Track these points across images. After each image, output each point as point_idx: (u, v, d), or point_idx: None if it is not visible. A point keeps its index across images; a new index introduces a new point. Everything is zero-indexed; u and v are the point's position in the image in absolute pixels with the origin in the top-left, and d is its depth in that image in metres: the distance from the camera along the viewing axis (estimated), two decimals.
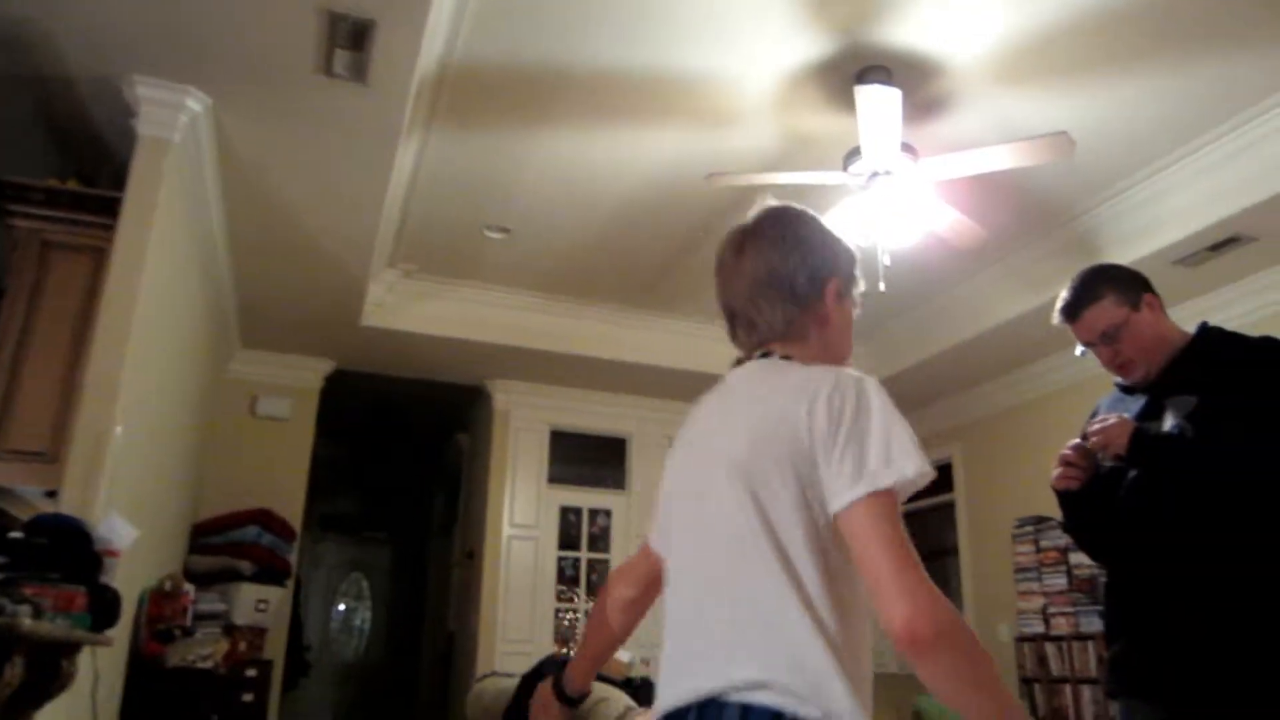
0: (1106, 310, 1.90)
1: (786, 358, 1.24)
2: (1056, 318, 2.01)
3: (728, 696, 1.05)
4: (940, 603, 1.00)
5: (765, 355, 1.26)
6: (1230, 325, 1.98)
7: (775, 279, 1.25)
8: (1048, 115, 3.64)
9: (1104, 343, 1.91)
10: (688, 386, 6.34)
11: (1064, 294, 1.98)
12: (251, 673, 4.99)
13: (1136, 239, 4.27)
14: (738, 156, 4.00)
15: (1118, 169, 4.08)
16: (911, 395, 6.51)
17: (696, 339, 6.01)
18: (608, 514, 6.54)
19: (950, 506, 6.55)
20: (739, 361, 1.30)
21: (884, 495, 1.04)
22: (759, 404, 1.18)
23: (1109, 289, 1.92)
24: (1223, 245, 4.11)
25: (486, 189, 4.37)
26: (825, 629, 1.04)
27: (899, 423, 1.09)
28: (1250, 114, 3.64)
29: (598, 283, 5.45)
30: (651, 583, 1.44)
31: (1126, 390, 2.00)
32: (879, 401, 1.10)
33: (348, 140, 3.49)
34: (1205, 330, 1.94)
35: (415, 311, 5.43)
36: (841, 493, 1.05)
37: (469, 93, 3.61)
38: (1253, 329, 2.04)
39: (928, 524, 7.01)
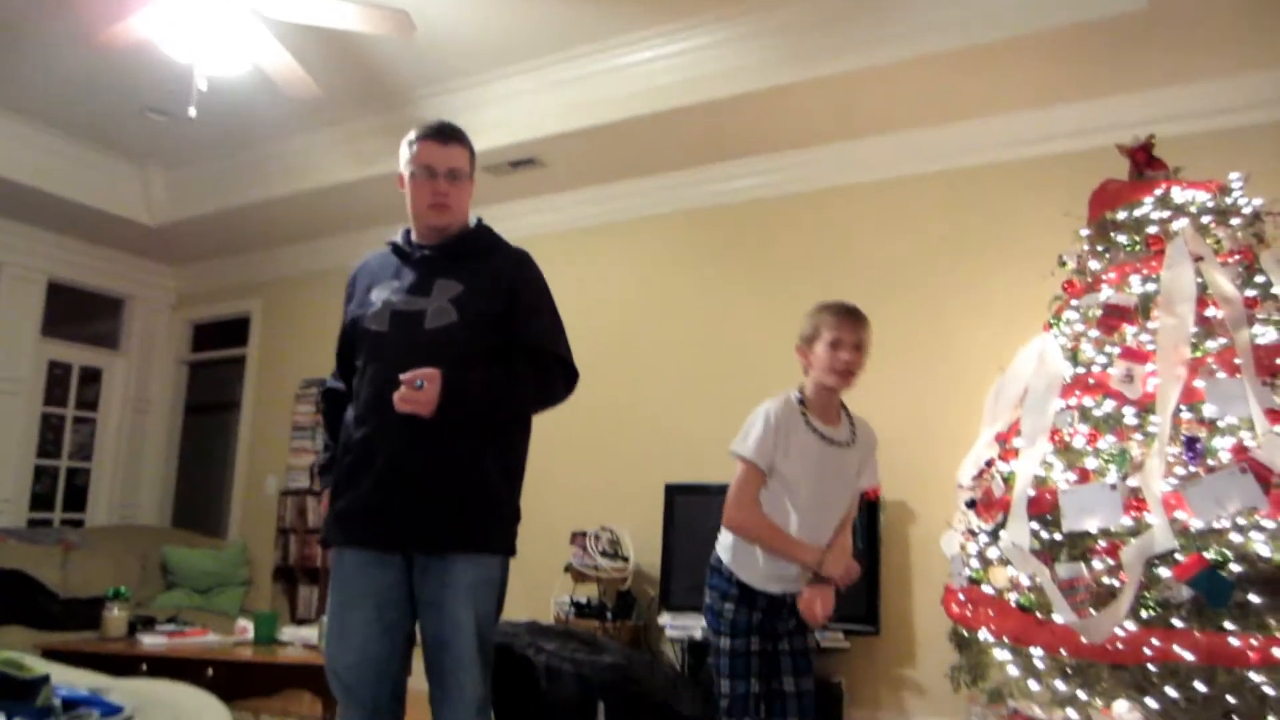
0: (464, 157, 2.16)
1: None
2: (425, 138, 2.13)
3: None
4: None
5: None
6: (508, 236, 2.25)
7: None
8: None
9: (447, 178, 2.12)
10: None
11: (442, 124, 2.16)
12: None
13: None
14: None
15: (458, 68, 4.30)
16: (217, 242, 6.11)
17: None
18: None
19: (242, 361, 6.36)
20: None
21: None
22: None
23: (470, 149, 2.19)
24: (521, 164, 4.66)
25: None
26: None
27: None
28: (567, 55, 4.15)
29: None
30: None
31: (399, 255, 2.18)
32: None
33: None
34: (480, 223, 2.24)
35: None
36: None
37: None
38: (526, 241, 2.35)
39: (217, 376, 6.74)
